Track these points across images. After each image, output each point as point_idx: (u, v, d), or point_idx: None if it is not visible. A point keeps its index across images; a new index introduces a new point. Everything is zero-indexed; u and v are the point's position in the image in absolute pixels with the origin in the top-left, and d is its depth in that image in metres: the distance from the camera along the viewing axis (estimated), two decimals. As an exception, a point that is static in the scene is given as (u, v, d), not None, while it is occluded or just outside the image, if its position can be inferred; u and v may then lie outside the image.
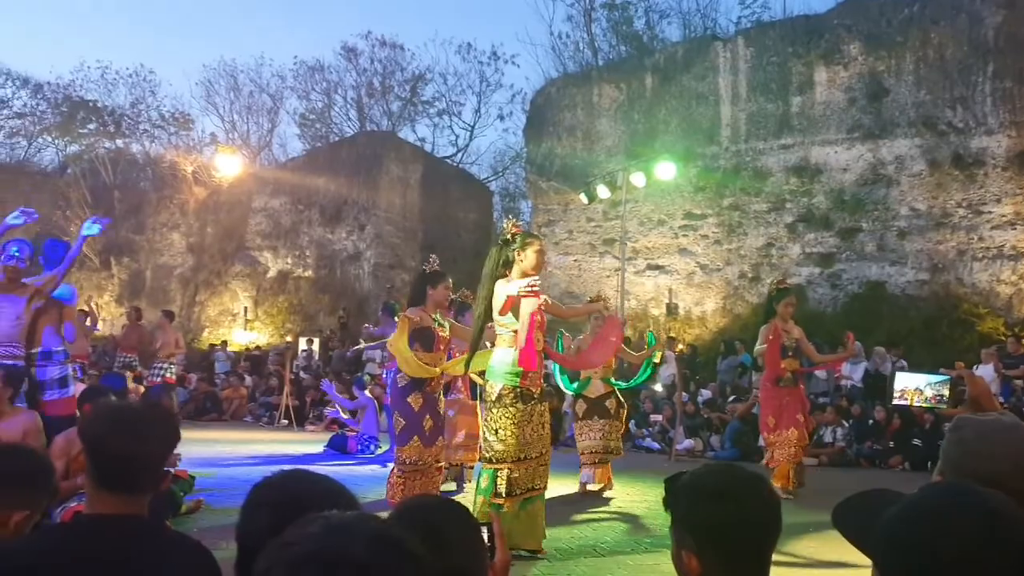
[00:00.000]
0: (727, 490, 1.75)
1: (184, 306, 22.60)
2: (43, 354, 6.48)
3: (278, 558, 1.19)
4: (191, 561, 2.12)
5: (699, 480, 1.83)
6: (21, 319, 6.22)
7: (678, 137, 17.28)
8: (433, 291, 6.30)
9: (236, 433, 13.04)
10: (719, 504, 1.71)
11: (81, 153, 25.78)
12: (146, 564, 2.04)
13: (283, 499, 1.77)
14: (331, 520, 1.26)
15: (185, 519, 6.03)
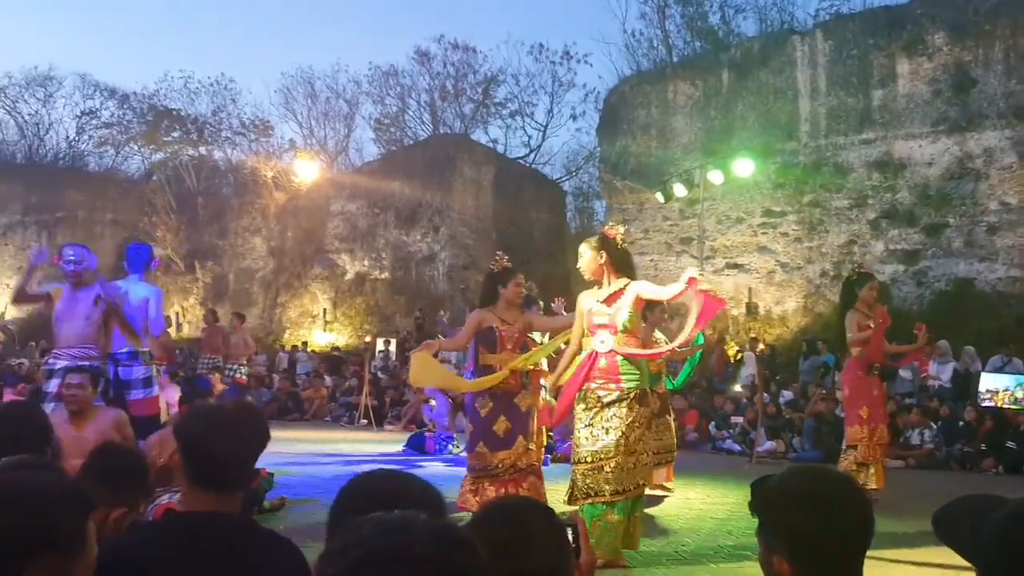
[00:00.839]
0: (818, 495, 1.71)
1: (266, 308, 23.10)
2: (128, 354, 6.66)
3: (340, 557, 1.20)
4: (282, 557, 2.16)
5: (788, 484, 1.79)
6: (91, 319, 6.36)
7: (756, 133, 17.00)
8: (504, 289, 6.27)
9: (317, 432, 13.27)
10: (810, 510, 1.68)
11: (166, 160, 26.56)
12: (241, 560, 2.09)
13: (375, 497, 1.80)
14: (392, 519, 1.27)
15: (268, 516, 6.16)
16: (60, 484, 1.79)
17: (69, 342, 6.29)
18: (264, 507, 6.25)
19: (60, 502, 1.70)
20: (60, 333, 6.37)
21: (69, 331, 6.32)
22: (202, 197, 25.13)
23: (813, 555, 1.66)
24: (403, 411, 14.65)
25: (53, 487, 1.75)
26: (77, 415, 5.38)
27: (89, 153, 29.05)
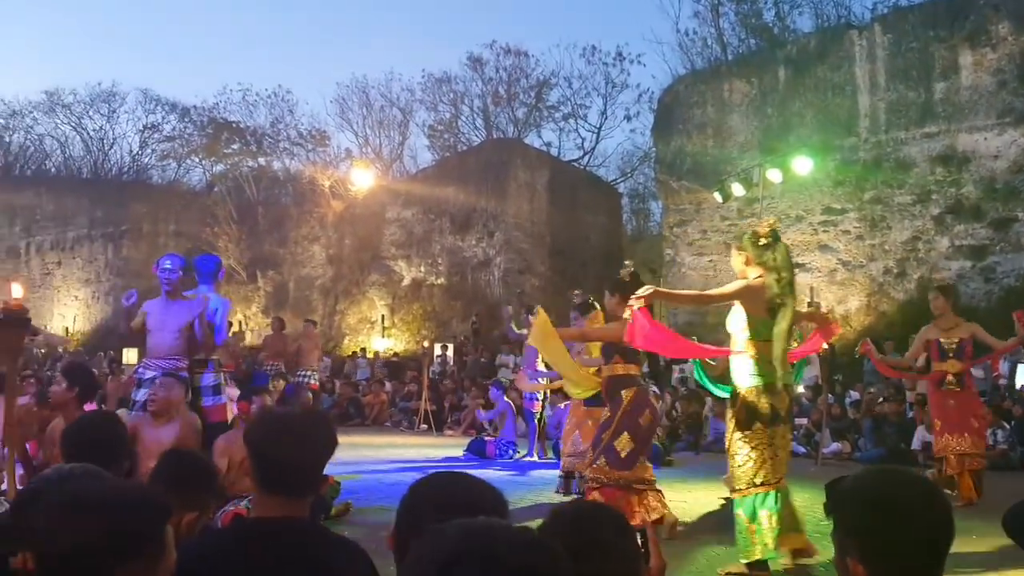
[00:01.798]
0: (893, 497, 1.67)
1: (325, 315, 23.39)
2: (200, 361, 6.80)
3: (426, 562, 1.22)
4: (352, 561, 2.19)
5: (863, 485, 1.76)
6: (182, 332, 6.54)
7: (814, 130, 16.74)
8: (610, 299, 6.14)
9: (378, 438, 13.36)
10: (884, 512, 1.64)
11: (226, 172, 27.10)
12: (312, 564, 2.11)
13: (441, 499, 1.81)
14: (476, 524, 1.28)
15: (335, 522, 6.22)
16: (142, 491, 1.83)
17: (158, 353, 6.46)
18: (331, 513, 6.31)
19: (143, 509, 1.74)
20: (150, 344, 6.56)
21: (159, 342, 6.50)
22: (262, 207, 25.57)
23: (887, 558, 1.63)
24: (462, 416, 14.70)
25: (135, 494, 1.79)
26: (161, 418, 5.53)
27: (152, 166, 29.89)
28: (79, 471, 2.09)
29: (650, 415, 5.67)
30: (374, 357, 20.68)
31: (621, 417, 5.64)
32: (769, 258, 5.07)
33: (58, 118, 30.22)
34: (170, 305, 6.57)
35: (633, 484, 5.53)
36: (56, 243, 27.23)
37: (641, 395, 5.68)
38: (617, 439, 5.59)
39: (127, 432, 3.19)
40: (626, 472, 5.55)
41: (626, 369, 5.74)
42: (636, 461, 5.56)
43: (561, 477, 7.71)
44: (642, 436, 5.61)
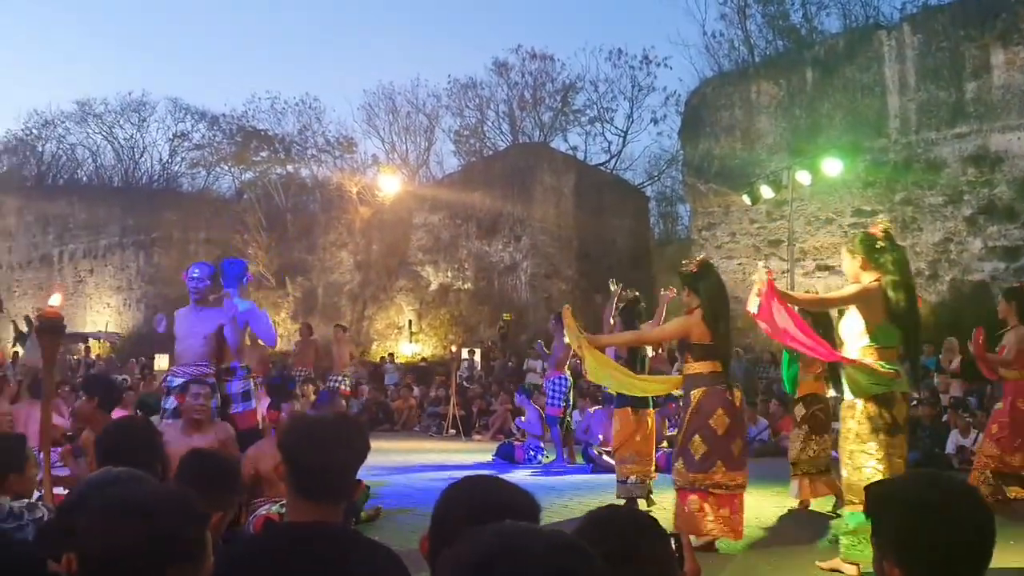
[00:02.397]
0: (932, 502, 1.65)
1: (354, 321, 23.48)
2: (227, 369, 6.87)
3: (458, 561, 1.24)
4: (385, 566, 2.19)
5: (904, 489, 1.74)
6: (209, 339, 6.62)
7: (843, 131, 16.61)
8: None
9: (407, 442, 13.40)
10: (927, 517, 1.62)
11: (255, 179, 27.31)
12: (346, 569, 2.12)
13: (475, 503, 1.82)
14: (511, 528, 1.29)
15: (365, 526, 6.25)
16: (184, 496, 1.85)
17: (186, 359, 6.55)
18: (361, 518, 6.34)
19: (188, 513, 1.75)
20: (178, 351, 6.65)
21: (187, 349, 6.59)
22: (290, 214, 25.75)
23: (924, 563, 1.61)
24: (491, 421, 14.72)
25: (178, 499, 1.81)
26: (193, 425, 5.59)
27: (182, 174, 30.19)
28: (125, 476, 2.12)
29: (724, 415, 5.44)
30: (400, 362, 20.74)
31: (689, 419, 5.52)
32: (886, 261, 4.93)
33: (89, 128, 30.62)
34: (199, 312, 6.66)
35: (710, 488, 5.39)
36: (88, 251, 27.57)
37: (712, 395, 5.48)
38: (690, 441, 5.49)
39: (160, 436, 3.22)
40: (700, 475, 5.42)
41: (699, 367, 5.57)
42: (712, 464, 5.40)
43: (620, 483, 7.57)
44: (717, 438, 5.41)
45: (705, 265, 5.78)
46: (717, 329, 5.52)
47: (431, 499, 1.88)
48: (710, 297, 5.58)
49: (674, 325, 5.91)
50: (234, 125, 27.79)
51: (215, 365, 6.69)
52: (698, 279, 5.63)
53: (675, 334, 6.00)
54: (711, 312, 5.54)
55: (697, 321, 5.56)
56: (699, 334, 5.55)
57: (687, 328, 5.64)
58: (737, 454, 5.52)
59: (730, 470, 5.46)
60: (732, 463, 5.47)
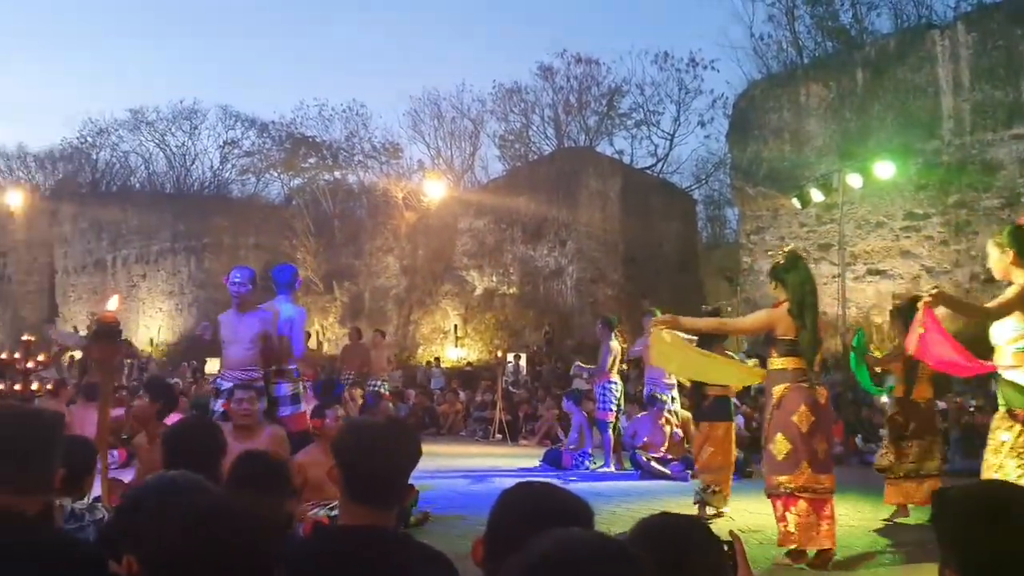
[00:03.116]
0: (999, 510, 1.61)
1: (400, 325, 23.65)
2: (277, 372, 6.95)
3: (516, 569, 1.25)
4: (438, 570, 2.20)
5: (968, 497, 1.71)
6: (255, 343, 6.70)
7: (894, 133, 16.33)
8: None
9: (453, 447, 13.43)
10: (991, 525, 1.59)
11: (303, 185, 27.68)
12: (399, 573, 2.13)
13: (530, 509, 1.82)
14: (565, 532, 1.30)
15: (414, 531, 6.26)
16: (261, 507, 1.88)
17: (233, 364, 6.66)
18: (410, 522, 6.36)
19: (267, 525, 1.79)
20: (226, 356, 6.76)
21: (234, 354, 6.70)
22: (338, 219, 26.03)
23: (983, 571, 1.58)
24: (537, 426, 14.70)
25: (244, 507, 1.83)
26: (243, 430, 5.65)
27: (232, 181, 30.68)
28: (181, 479, 2.15)
29: (808, 412, 5.17)
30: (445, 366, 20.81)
31: (771, 417, 5.33)
32: None
33: (142, 135, 31.23)
34: (242, 317, 6.75)
35: (795, 492, 5.16)
36: (141, 256, 28.11)
37: (794, 392, 5.24)
38: (772, 441, 5.29)
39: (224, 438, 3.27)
40: (784, 477, 5.20)
41: (783, 363, 5.34)
42: (797, 465, 5.16)
43: (698, 492, 7.45)
44: (801, 437, 5.16)
45: (793, 256, 5.55)
46: (804, 324, 5.27)
47: (479, 504, 1.88)
48: (797, 290, 5.34)
49: (758, 316, 5.75)
50: (283, 132, 28.21)
51: (262, 369, 6.78)
52: (785, 271, 5.43)
53: (759, 326, 5.78)
54: (798, 305, 5.31)
55: (783, 314, 5.35)
56: (784, 328, 5.33)
57: (772, 321, 5.44)
58: (823, 456, 5.26)
59: (816, 472, 5.20)
60: (818, 464, 5.22)
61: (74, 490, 3.06)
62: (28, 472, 2.17)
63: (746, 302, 18.13)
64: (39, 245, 30.56)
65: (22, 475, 2.16)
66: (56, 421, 2.36)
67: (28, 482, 2.16)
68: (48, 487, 2.25)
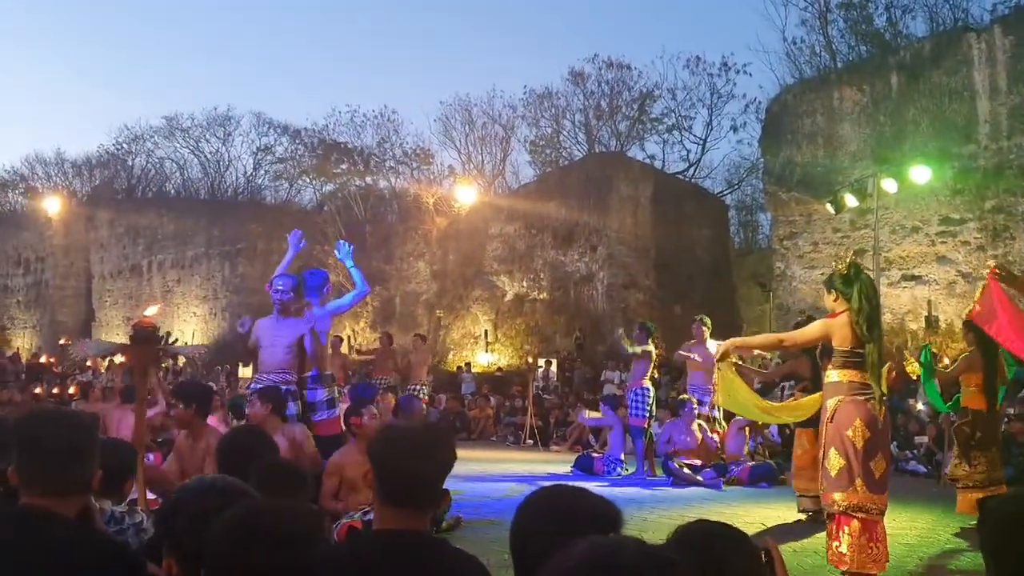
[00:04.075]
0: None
1: (430, 330, 23.71)
2: (312, 377, 7.02)
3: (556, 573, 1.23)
4: (472, 574, 2.20)
5: (1008, 505, 1.70)
6: (291, 348, 6.80)
7: (930, 137, 16.13)
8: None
9: (484, 452, 13.44)
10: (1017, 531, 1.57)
11: (335, 191, 27.84)
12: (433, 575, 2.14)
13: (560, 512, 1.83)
14: (603, 539, 1.30)
15: (446, 535, 6.27)
16: (317, 515, 1.92)
17: (269, 368, 6.75)
18: (442, 527, 6.38)
19: (305, 529, 1.82)
20: (262, 359, 6.86)
21: (270, 358, 6.80)
22: (369, 225, 26.14)
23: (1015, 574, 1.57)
24: (568, 431, 14.67)
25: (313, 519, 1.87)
26: None
27: (265, 187, 30.95)
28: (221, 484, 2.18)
29: (864, 428, 4.98)
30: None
31: (825, 431, 5.16)
32: None
33: (177, 142, 31.56)
34: (281, 322, 6.87)
35: (850, 511, 4.98)
36: (176, 261, 28.40)
37: (849, 405, 5.06)
38: (826, 456, 5.13)
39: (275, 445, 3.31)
40: (838, 494, 5.02)
41: (839, 375, 5.16)
42: (851, 482, 4.99)
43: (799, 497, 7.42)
44: (855, 453, 4.98)
45: (854, 266, 5.34)
46: (864, 335, 5.09)
47: (511, 509, 1.88)
48: (860, 300, 5.14)
49: (816, 328, 5.53)
50: (315, 138, 28.40)
51: (297, 373, 6.87)
52: (847, 282, 5.24)
53: (817, 337, 5.62)
54: (859, 316, 5.11)
55: (841, 325, 5.17)
56: (841, 339, 5.17)
57: (829, 331, 5.27)
58: (879, 475, 5.07)
59: (871, 491, 5.01)
60: (873, 483, 5.03)
61: (114, 493, 3.11)
62: (66, 474, 2.20)
63: (779, 308, 17.98)
64: (76, 250, 30.99)
65: (60, 477, 2.19)
66: (93, 423, 2.40)
67: (66, 484, 2.20)
68: (86, 488, 2.28)
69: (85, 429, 2.32)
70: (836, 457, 5.05)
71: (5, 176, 33.67)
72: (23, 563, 2.01)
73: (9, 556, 2.02)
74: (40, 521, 2.11)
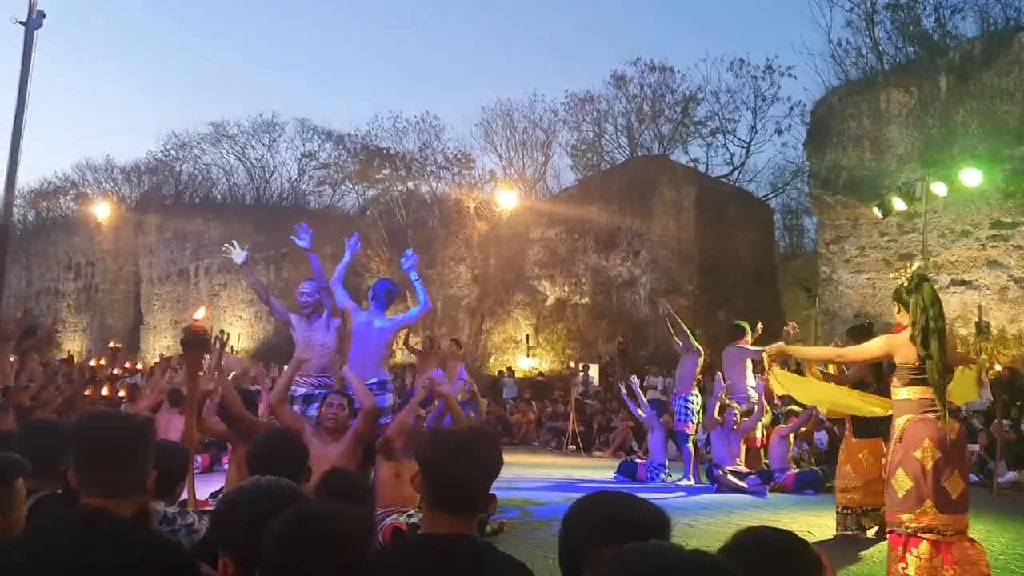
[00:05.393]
0: None
1: (471, 335, 23.74)
2: (379, 383, 7.08)
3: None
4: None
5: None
6: (327, 351, 6.87)
7: (980, 139, 15.81)
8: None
9: (527, 457, 13.41)
10: None
11: (378, 196, 28.04)
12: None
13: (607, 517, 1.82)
14: (653, 546, 1.29)
15: (490, 540, 6.28)
16: (365, 519, 1.94)
17: (308, 371, 6.80)
18: (486, 532, 6.38)
19: (357, 533, 1.83)
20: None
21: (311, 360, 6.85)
22: (411, 229, 26.26)
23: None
24: (611, 437, 14.60)
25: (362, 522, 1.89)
26: (333, 434, 5.82)
27: (309, 192, 31.28)
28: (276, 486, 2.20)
29: (934, 448, 4.81)
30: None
31: (893, 451, 4.99)
32: None
33: (223, 148, 32.00)
34: (310, 326, 6.94)
35: (919, 533, 4.80)
36: (222, 266, 28.76)
37: (918, 424, 4.89)
38: (894, 476, 4.96)
39: (306, 449, 3.35)
40: (906, 515, 4.85)
41: (906, 393, 4.98)
42: (919, 503, 4.81)
43: (838, 513, 7.16)
44: (924, 474, 4.80)
45: (918, 277, 5.13)
46: (928, 350, 4.87)
47: (555, 514, 1.88)
48: (916, 313, 4.96)
49: (877, 344, 5.32)
50: (358, 144, 28.64)
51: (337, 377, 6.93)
52: (908, 293, 5.06)
53: (877, 354, 5.38)
54: (921, 331, 4.91)
55: (904, 341, 4.99)
56: (905, 355, 4.97)
57: (892, 347, 5.06)
58: (956, 495, 4.85)
59: (943, 512, 4.81)
60: (946, 504, 4.82)
61: (168, 494, 3.16)
62: (122, 475, 2.24)
63: (825, 313, 17.74)
64: (125, 255, 31.54)
65: (116, 478, 2.23)
66: (147, 424, 2.44)
67: (122, 485, 2.24)
68: (141, 489, 2.32)
69: (139, 431, 2.36)
70: (904, 478, 4.89)
71: (57, 182, 34.44)
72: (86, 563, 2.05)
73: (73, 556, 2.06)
74: (100, 522, 2.15)
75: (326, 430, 5.87)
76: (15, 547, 2.15)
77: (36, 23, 3.95)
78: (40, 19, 3.72)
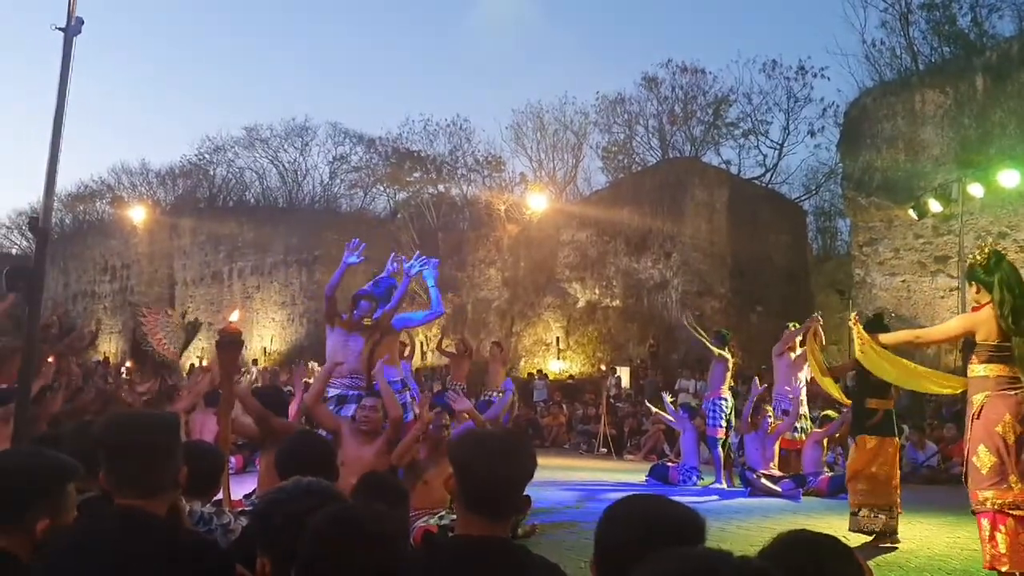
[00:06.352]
0: None
1: (502, 337, 23.75)
2: (401, 384, 7.13)
3: None
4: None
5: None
6: (360, 354, 6.95)
7: (1018, 140, 15.58)
8: None
9: (558, 460, 13.39)
10: None
11: (408, 199, 28.17)
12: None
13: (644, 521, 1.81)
14: (695, 553, 1.28)
15: (522, 542, 6.26)
16: (399, 519, 1.96)
17: (340, 372, 6.88)
18: (518, 534, 6.37)
19: (393, 535, 1.85)
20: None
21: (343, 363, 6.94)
22: (441, 232, 26.35)
23: None
24: (643, 440, 14.53)
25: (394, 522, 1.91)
26: (367, 436, 5.87)
27: (341, 195, 31.46)
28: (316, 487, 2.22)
29: (1015, 423, 4.81)
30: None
31: (972, 428, 5.00)
32: None
33: (256, 152, 32.28)
34: (353, 331, 7.03)
35: (1005, 509, 4.78)
36: (255, 268, 29.03)
37: (996, 400, 4.89)
38: (975, 454, 4.96)
39: (333, 451, 3.38)
40: (990, 492, 4.83)
41: (985, 370, 4.99)
42: (1004, 479, 4.80)
43: (851, 515, 7.05)
44: (1007, 448, 4.80)
45: (996, 255, 5.17)
46: (1010, 328, 4.90)
47: (587, 518, 1.88)
48: (1001, 291, 4.97)
49: (957, 323, 5.46)
50: (389, 147, 28.79)
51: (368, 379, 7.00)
52: (988, 272, 5.08)
53: (956, 333, 5.56)
54: (1003, 308, 4.93)
55: (986, 318, 5.02)
56: (986, 332, 5.01)
57: (973, 325, 5.12)
58: None
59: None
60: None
61: (204, 495, 3.20)
62: (153, 474, 2.27)
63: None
64: (160, 258, 31.91)
65: (148, 477, 2.26)
66: (174, 422, 2.47)
67: (154, 484, 2.27)
68: (173, 488, 2.35)
69: (166, 429, 2.39)
70: (987, 455, 4.87)
71: (93, 186, 34.95)
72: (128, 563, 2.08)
73: (116, 556, 2.09)
74: (137, 521, 2.17)
75: (361, 432, 5.93)
76: (62, 549, 2.18)
77: (75, 29, 3.99)
78: (79, 25, 3.77)
